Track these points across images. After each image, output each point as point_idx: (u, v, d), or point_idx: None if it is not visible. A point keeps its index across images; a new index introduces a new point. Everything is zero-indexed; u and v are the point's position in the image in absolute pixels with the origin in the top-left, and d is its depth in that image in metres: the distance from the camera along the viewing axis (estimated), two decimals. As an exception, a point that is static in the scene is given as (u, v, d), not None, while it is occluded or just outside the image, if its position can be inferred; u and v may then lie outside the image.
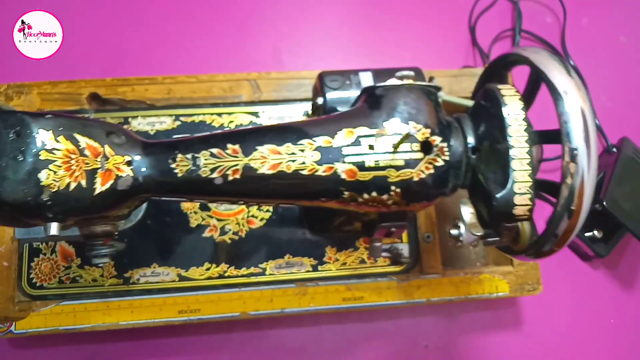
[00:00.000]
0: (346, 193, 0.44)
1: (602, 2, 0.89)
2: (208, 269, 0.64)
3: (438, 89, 0.47)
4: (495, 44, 0.85)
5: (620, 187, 0.73)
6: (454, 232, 0.45)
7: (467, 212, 0.44)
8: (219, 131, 0.63)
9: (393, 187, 0.43)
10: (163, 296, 0.63)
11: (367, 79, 0.58)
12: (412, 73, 0.45)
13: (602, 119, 0.82)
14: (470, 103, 0.49)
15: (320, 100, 0.57)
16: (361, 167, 0.43)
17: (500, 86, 0.44)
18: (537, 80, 0.45)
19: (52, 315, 0.62)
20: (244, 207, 0.66)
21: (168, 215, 0.65)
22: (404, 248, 0.66)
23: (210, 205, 0.65)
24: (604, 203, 0.70)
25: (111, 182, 0.42)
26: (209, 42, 0.77)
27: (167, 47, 0.76)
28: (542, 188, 0.44)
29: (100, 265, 0.49)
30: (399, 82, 0.45)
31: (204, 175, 0.43)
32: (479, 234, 0.44)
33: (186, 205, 0.65)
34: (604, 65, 0.85)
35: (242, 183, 0.44)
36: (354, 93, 0.57)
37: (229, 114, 0.68)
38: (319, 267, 0.66)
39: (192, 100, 0.68)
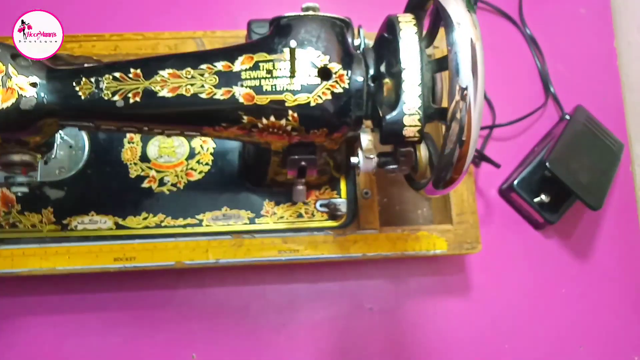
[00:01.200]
0: (245, 118, 0.45)
1: (562, -26, 0.88)
2: (145, 218, 0.65)
3: (346, 22, 0.47)
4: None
5: (567, 152, 0.72)
6: (353, 159, 0.46)
7: (365, 139, 0.45)
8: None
9: (290, 112, 0.44)
10: (99, 243, 0.64)
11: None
12: (316, 5, 0.46)
13: (558, 88, 0.82)
14: None
15: (247, 47, 0.58)
16: (258, 90, 0.44)
17: (399, 15, 0.45)
18: (438, 13, 0.45)
19: (-10, 259, 0.63)
20: (183, 159, 0.67)
21: (108, 165, 0.66)
22: (342, 203, 0.67)
23: (150, 156, 0.67)
24: (547, 164, 0.69)
25: (13, 100, 0.43)
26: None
27: (115, 5, 0.78)
28: (439, 116, 0.44)
29: (20, 194, 0.50)
30: (303, 13, 0.46)
31: (105, 98, 0.44)
32: (372, 156, 0.44)
33: (126, 156, 0.67)
34: (563, 35, 0.85)
35: (143, 106, 0.45)
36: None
37: (174, 70, 0.69)
38: (256, 220, 0.66)
39: (138, 56, 0.68)
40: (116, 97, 0.44)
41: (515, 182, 0.75)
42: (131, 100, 0.44)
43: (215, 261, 0.65)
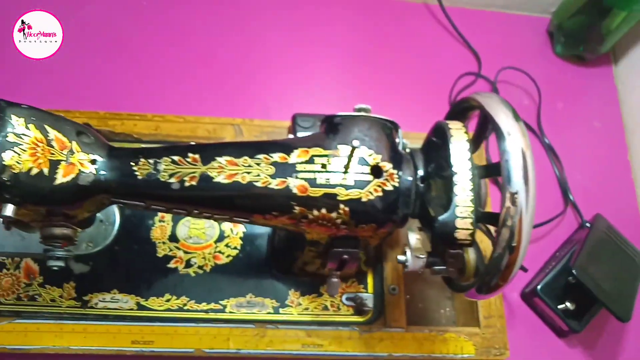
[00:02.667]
0: (297, 208, 0.45)
1: (577, 90, 0.94)
2: (168, 300, 0.64)
3: (395, 125, 0.50)
4: (474, 118, 0.90)
5: (591, 260, 0.73)
6: (400, 257, 0.46)
7: (414, 237, 0.45)
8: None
9: (342, 206, 0.45)
10: (119, 324, 0.62)
11: (337, 123, 0.62)
12: (369, 107, 0.49)
13: (577, 195, 0.84)
14: None
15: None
16: (312, 183, 0.45)
17: (449, 122, 0.47)
18: (484, 122, 0.48)
19: (2, 333, 0.60)
20: (212, 242, 0.67)
21: (136, 242, 0.66)
22: (368, 298, 0.66)
23: (180, 236, 0.67)
24: (573, 271, 0.69)
25: (73, 175, 0.44)
26: (200, 85, 0.83)
27: (157, 87, 0.81)
28: (486, 220, 0.45)
29: (55, 268, 0.49)
30: (356, 114, 0.48)
31: (162, 180, 0.45)
32: (422, 256, 0.44)
33: (155, 235, 0.67)
34: (579, 146, 0.89)
35: (198, 190, 0.45)
36: (324, 135, 0.61)
37: (211, 154, 0.71)
38: (281, 310, 0.65)
39: (177, 138, 0.72)
40: (172, 180, 0.45)
41: (539, 287, 0.74)
42: (187, 184, 0.45)
43: (236, 351, 0.62)
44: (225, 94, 0.82)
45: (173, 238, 0.67)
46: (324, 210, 0.45)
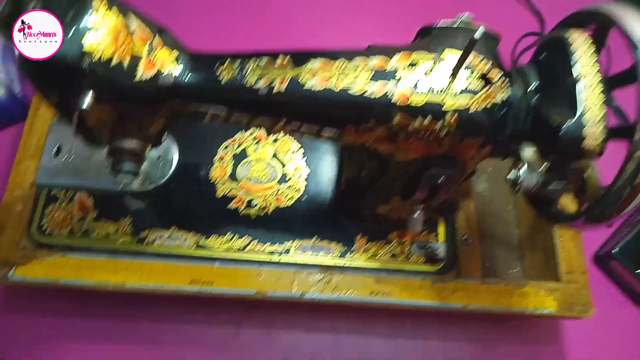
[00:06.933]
0: (398, 116, 0.41)
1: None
2: (230, 240, 0.60)
3: (496, 40, 0.45)
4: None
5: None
6: (511, 175, 0.41)
7: (529, 150, 0.40)
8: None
9: (449, 114, 0.40)
10: (176, 262, 0.58)
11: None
12: (471, 14, 0.44)
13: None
14: None
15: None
16: (415, 90, 0.40)
17: (566, 29, 0.42)
18: (601, 36, 0.43)
19: (55, 267, 0.57)
20: (274, 183, 0.63)
21: (195, 181, 0.62)
22: (441, 248, 0.61)
23: (240, 176, 0.63)
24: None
25: (153, 73, 0.40)
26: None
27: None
28: (614, 134, 0.40)
29: (125, 181, 0.46)
30: (456, 25, 0.44)
31: (247, 85, 0.41)
32: (540, 169, 0.39)
33: (215, 175, 0.63)
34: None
35: (287, 95, 0.41)
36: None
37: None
38: (347, 255, 0.61)
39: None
40: (260, 84, 0.41)
41: (617, 249, 0.69)
42: (275, 89, 0.41)
43: (300, 295, 0.58)
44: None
45: (233, 178, 0.63)
46: (427, 120, 0.40)
